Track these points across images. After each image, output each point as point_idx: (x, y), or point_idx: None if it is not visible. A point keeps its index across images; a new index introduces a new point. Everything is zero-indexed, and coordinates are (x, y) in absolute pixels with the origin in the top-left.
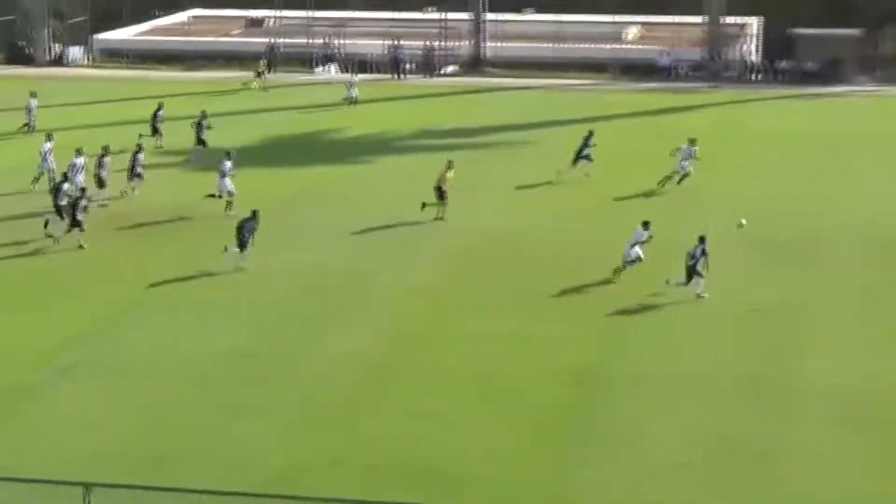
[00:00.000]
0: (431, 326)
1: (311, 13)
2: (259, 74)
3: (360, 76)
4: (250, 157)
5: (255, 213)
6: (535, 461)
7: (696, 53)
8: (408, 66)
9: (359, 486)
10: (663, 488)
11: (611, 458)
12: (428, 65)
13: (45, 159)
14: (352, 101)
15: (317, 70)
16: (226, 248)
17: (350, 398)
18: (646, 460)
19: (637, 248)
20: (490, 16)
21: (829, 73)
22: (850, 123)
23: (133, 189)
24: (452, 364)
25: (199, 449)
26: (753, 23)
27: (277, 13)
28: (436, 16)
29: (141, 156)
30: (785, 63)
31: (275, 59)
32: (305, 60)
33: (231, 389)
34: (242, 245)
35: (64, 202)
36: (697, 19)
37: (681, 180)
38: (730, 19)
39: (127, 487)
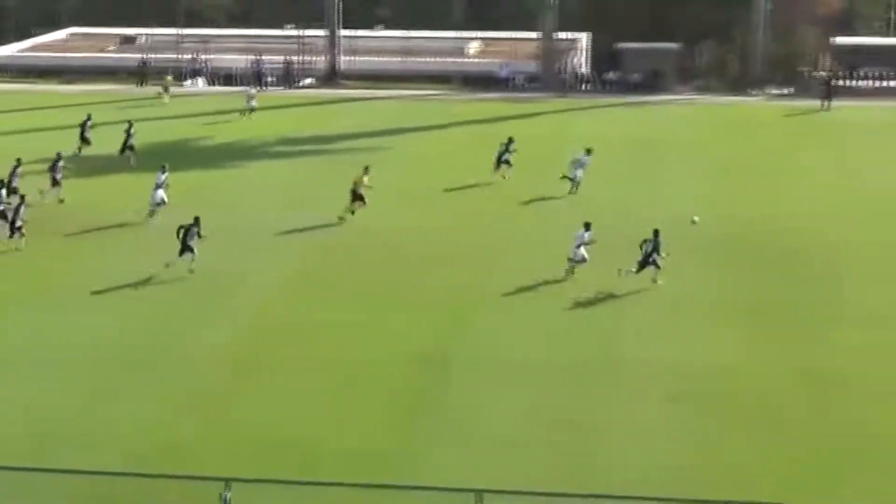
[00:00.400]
0: (294, 319)
1: (179, 31)
2: (166, 88)
3: (227, 88)
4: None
5: (196, 220)
6: (385, 439)
7: (532, 66)
8: (269, 78)
9: (224, 464)
10: (498, 463)
11: (456, 437)
12: (287, 77)
13: None
14: (250, 111)
15: (186, 83)
16: (167, 265)
17: (220, 385)
18: (485, 438)
19: (582, 250)
20: (344, 32)
21: (652, 83)
22: (671, 130)
23: (54, 196)
24: (312, 353)
25: (76, 432)
26: (583, 38)
27: (149, 31)
28: (294, 32)
29: (60, 164)
30: (612, 74)
31: (147, 73)
32: (176, 74)
33: (108, 377)
34: (188, 250)
35: (1, 208)
36: (532, 35)
37: (574, 188)
38: (562, 35)
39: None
